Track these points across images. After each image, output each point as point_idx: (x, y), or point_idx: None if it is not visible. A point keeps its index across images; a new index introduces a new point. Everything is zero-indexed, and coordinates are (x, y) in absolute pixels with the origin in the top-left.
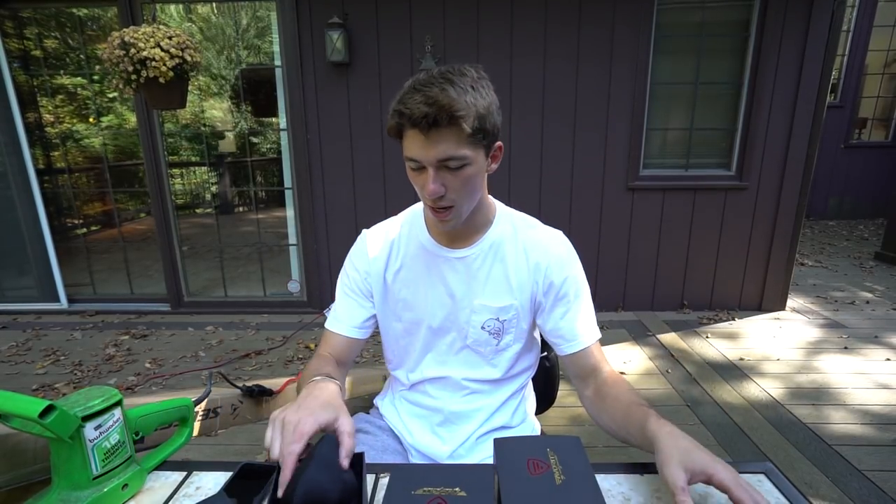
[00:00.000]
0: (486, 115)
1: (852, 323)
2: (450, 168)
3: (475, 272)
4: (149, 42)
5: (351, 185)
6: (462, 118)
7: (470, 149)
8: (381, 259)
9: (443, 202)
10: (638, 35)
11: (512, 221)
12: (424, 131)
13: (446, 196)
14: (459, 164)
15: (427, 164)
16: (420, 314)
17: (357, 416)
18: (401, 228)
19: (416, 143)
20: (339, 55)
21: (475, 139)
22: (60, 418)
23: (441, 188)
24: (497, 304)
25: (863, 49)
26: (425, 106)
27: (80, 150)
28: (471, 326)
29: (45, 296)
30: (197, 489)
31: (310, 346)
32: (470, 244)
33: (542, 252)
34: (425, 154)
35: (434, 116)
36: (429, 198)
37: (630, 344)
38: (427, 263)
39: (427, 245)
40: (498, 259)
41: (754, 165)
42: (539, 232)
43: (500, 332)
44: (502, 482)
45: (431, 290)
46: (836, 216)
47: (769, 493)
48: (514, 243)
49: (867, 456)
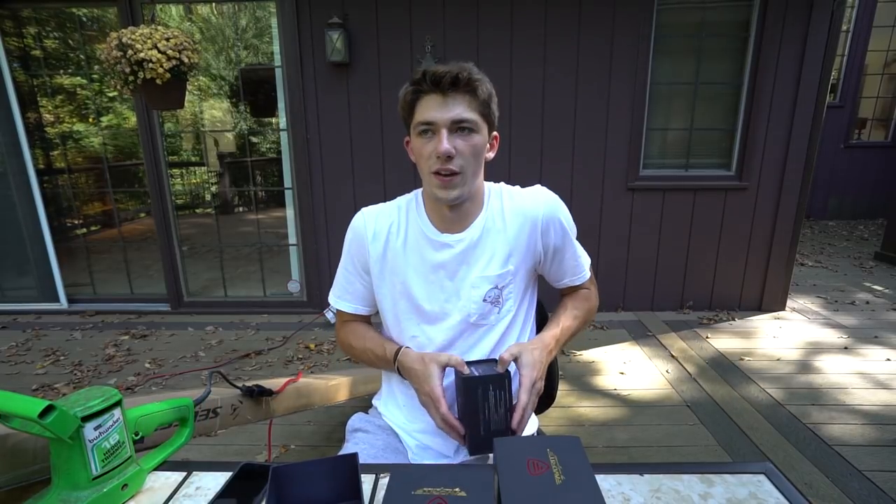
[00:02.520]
0: (492, 96)
1: (852, 323)
2: (461, 132)
3: (472, 252)
4: (146, 43)
5: (351, 185)
6: (479, 83)
7: (479, 117)
8: (380, 241)
9: (452, 164)
10: (638, 35)
11: (499, 196)
12: (444, 91)
13: (454, 160)
14: (470, 128)
15: (442, 125)
16: (418, 300)
17: (356, 416)
18: (398, 212)
19: (433, 104)
20: (339, 55)
21: (484, 110)
22: (60, 418)
23: (452, 149)
24: (495, 272)
25: (863, 49)
26: (445, 68)
27: (79, 150)
28: (472, 302)
29: (44, 296)
30: (197, 489)
31: (310, 346)
32: (465, 227)
33: (529, 215)
34: (441, 115)
35: (456, 75)
36: (441, 156)
37: (630, 344)
38: (424, 247)
39: (426, 230)
40: (493, 233)
41: (754, 166)
42: (522, 197)
43: (499, 299)
44: (502, 482)
45: (431, 274)
46: (836, 216)
47: (769, 494)
48: (503, 215)
49: (867, 456)
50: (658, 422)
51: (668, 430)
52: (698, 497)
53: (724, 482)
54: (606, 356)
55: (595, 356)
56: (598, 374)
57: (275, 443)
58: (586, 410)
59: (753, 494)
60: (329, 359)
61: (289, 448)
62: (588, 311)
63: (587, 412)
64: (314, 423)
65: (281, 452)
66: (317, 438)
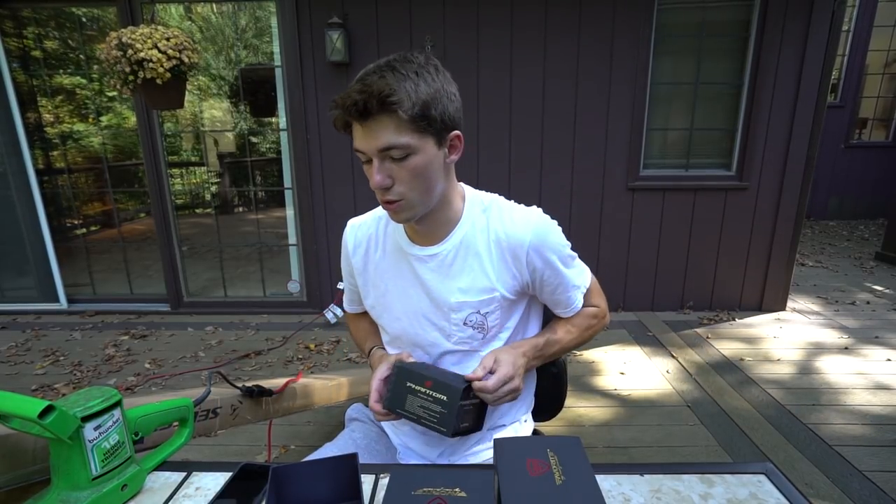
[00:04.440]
0: (430, 101)
1: (853, 323)
2: (394, 158)
3: (448, 269)
4: (146, 43)
5: (351, 185)
6: (396, 104)
7: (413, 137)
8: (359, 254)
9: (390, 195)
10: (638, 35)
11: (483, 209)
12: (361, 121)
13: (393, 189)
14: (403, 153)
15: (371, 155)
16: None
17: (355, 406)
18: (377, 224)
19: (358, 133)
20: (339, 55)
21: (418, 126)
22: (60, 419)
23: (387, 179)
24: (476, 297)
25: (863, 49)
26: (357, 94)
27: (79, 150)
28: (452, 324)
29: (44, 296)
30: (197, 489)
31: (310, 347)
32: (440, 240)
33: (517, 241)
34: (366, 144)
35: (364, 103)
36: (377, 188)
37: (630, 344)
38: (402, 263)
39: (401, 243)
40: (472, 253)
41: (754, 165)
42: (512, 219)
43: (483, 325)
44: (502, 482)
45: (410, 288)
46: (836, 216)
47: (769, 493)
48: (487, 234)
49: (867, 456)
50: (658, 422)
51: (668, 430)
52: (698, 497)
53: (725, 482)
54: (606, 356)
55: (595, 356)
56: (599, 374)
57: (275, 443)
58: (586, 410)
59: (754, 495)
60: (329, 359)
61: (289, 448)
62: (587, 329)
63: (587, 412)
64: (314, 423)
65: (281, 452)
66: (317, 438)
